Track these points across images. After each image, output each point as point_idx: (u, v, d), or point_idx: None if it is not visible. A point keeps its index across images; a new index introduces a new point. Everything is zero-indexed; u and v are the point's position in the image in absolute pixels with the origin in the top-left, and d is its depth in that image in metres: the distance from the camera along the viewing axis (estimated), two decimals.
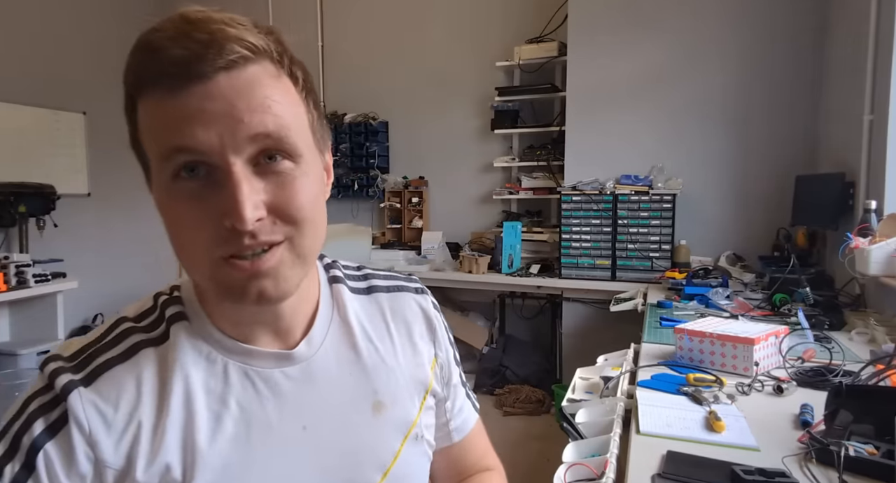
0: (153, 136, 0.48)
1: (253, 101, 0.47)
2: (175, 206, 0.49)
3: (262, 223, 0.48)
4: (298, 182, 0.50)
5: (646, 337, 1.92)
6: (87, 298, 4.17)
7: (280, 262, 0.50)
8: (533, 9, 3.94)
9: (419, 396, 0.66)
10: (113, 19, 4.57)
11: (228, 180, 0.46)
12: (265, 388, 0.56)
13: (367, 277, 0.70)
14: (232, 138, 0.46)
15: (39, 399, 0.51)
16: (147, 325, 0.57)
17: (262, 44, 0.48)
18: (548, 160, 3.78)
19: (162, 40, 0.46)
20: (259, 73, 0.48)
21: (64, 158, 4.22)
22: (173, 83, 0.46)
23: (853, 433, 1.05)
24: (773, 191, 3.19)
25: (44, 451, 0.49)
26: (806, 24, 3.10)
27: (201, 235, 0.48)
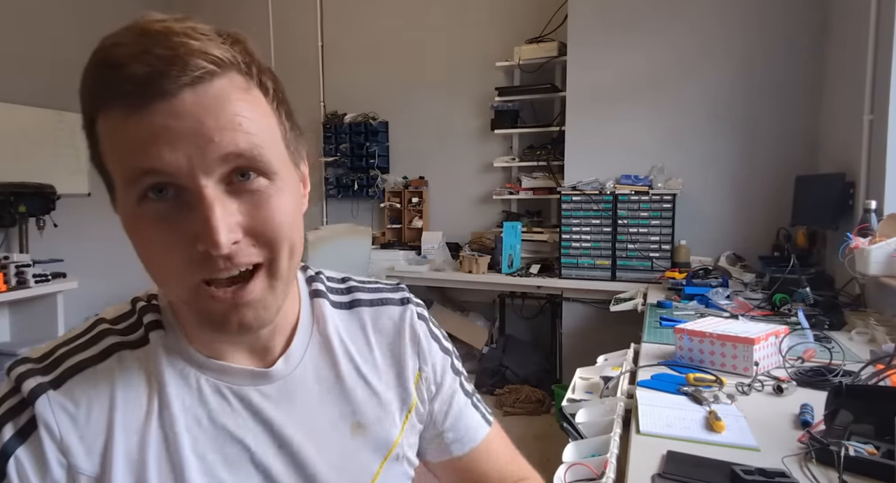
0: (116, 157, 0.45)
1: (222, 118, 0.44)
2: (144, 229, 0.46)
3: (237, 246, 0.45)
4: (274, 200, 0.47)
5: (646, 337, 1.92)
6: (87, 298, 4.16)
7: (259, 288, 0.48)
8: (533, 9, 3.94)
9: (401, 416, 0.64)
10: (114, 19, 4.54)
11: (200, 203, 0.44)
12: (240, 407, 0.55)
13: (351, 291, 0.68)
14: (201, 159, 0.43)
15: (6, 404, 0.49)
16: (124, 328, 0.55)
17: (229, 56, 0.45)
18: (548, 160, 3.78)
19: (122, 56, 0.43)
20: (226, 87, 0.45)
21: (64, 158, 4.21)
22: (135, 101, 0.43)
23: (853, 433, 1.05)
24: (773, 191, 3.19)
25: (15, 456, 0.47)
26: (806, 24, 3.10)
27: (174, 259, 0.46)
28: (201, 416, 0.53)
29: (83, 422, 0.49)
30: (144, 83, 0.42)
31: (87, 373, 0.51)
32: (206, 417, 0.53)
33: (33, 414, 0.48)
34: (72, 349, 0.53)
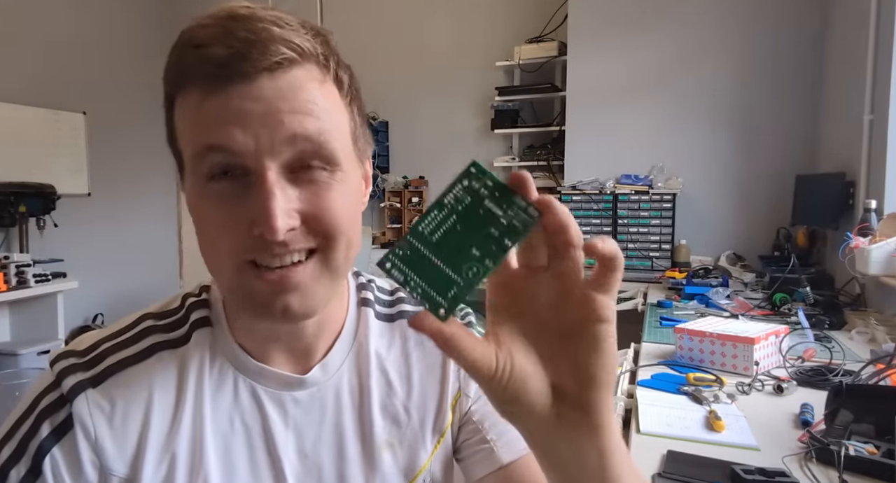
0: (189, 134, 0.46)
1: (295, 103, 0.45)
2: (205, 208, 0.47)
3: (293, 233, 0.45)
4: (334, 191, 0.47)
5: (646, 336, 1.92)
6: (87, 298, 4.17)
7: (309, 276, 0.47)
8: (533, 9, 3.94)
9: (433, 439, 0.61)
10: (114, 19, 4.57)
11: (262, 186, 0.44)
12: (272, 411, 0.54)
13: (397, 302, 0.65)
14: (269, 140, 0.44)
15: (47, 398, 0.50)
16: (168, 324, 0.55)
17: (309, 46, 0.46)
18: (548, 160, 3.78)
19: (205, 37, 0.44)
20: (303, 76, 0.46)
21: (64, 158, 4.21)
22: (213, 82, 0.44)
23: (853, 433, 1.05)
24: (773, 190, 3.19)
25: (51, 455, 0.48)
26: (806, 24, 3.10)
27: (229, 239, 0.46)
28: (234, 418, 0.53)
29: (119, 423, 0.50)
30: (224, 64, 0.43)
31: (128, 372, 0.52)
32: (238, 420, 0.53)
33: (70, 412, 0.49)
34: (115, 345, 0.53)
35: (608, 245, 0.35)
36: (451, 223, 0.35)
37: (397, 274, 0.35)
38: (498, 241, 0.35)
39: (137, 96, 4.79)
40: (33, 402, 0.51)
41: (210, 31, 0.44)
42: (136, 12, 4.79)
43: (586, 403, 0.37)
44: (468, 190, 0.36)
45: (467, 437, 0.63)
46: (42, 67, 4.05)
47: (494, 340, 0.36)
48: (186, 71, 0.45)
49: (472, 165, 0.36)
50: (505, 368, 0.36)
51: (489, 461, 0.61)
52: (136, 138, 4.75)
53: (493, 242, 0.35)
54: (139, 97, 4.81)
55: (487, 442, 0.61)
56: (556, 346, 0.37)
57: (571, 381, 0.37)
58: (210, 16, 0.45)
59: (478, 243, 0.35)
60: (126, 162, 4.66)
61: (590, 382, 0.36)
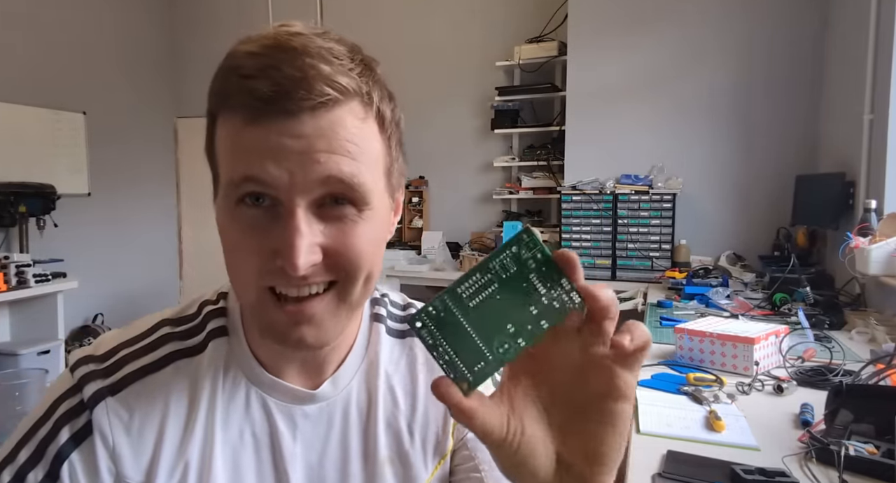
0: (227, 158, 0.47)
1: (333, 143, 0.45)
2: (234, 231, 0.47)
3: (314, 267, 0.46)
4: (360, 228, 0.47)
5: None
6: (87, 298, 4.17)
7: (325, 308, 0.48)
8: (533, 9, 3.94)
9: (433, 461, 0.61)
10: (114, 19, 4.57)
11: (289, 220, 0.44)
12: (282, 424, 0.55)
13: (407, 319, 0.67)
14: (303, 178, 0.44)
15: (66, 403, 0.51)
16: (185, 331, 0.56)
17: (354, 85, 0.46)
18: (548, 160, 3.78)
19: (251, 68, 0.44)
20: (344, 115, 0.46)
21: (64, 158, 4.22)
22: (256, 114, 0.44)
23: (853, 433, 1.05)
24: (773, 190, 3.19)
25: (69, 461, 0.49)
26: (806, 24, 3.10)
27: (252, 264, 0.46)
28: (245, 429, 0.54)
29: (136, 432, 0.51)
30: (268, 100, 0.43)
31: (145, 382, 0.53)
32: (248, 432, 0.54)
33: (90, 419, 0.50)
34: (134, 352, 0.54)
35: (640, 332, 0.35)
36: (492, 291, 0.34)
37: (427, 335, 0.34)
38: (535, 320, 0.34)
39: (137, 96, 4.79)
40: (52, 405, 0.51)
41: (258, 61, 0.44)
42: (137, 12, 4.79)
43: (590, 480, 0.37)
44: (516, 258, 0.34)
45: (461, 462, 0.63)
46: (42, 67, 4.05)
47: (508, 402, 0.36)
48: (231, 97, 0.45)
49: (525, 232, 0.34)
50: (515, 436, 0.36)
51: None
52: (136, 138, 4.75)
53: (530, 321, 0.34)
54: (139, 97, 4.81)
55: (479, 471, 0.61)
56: (571, 417, 0.37)
57: (580, 456, 0.37)
58: (259, 43, 0.45)
59: (515, 319, 0.34)
60: (126, 162, 4.66)
61: (598, 460, 0.36)
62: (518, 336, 0.34)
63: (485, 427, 0.35)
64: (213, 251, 3.13)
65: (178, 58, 5.11)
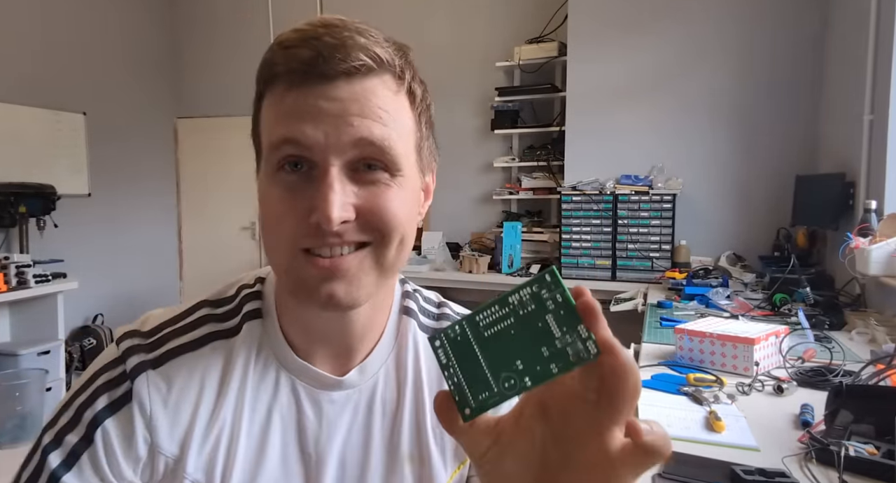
0: (268, 124, 0.50)
1: (365, 108, 0.48)
2: (272, 195, 0.49)
3: (347, 225, 0.48)
4: (392, 193, 0.50)
5: (646, 337, 1.92)
6: (87, 298, 4.17)
7: (357, 265, 0.49)
8: (533, 9, 3.94)
9: (452, 465, 0.61)
10: (114, 19, 4.57)
11: (323, 179, 0.47)
12: (308, 408, 0.56)
13: (441, 317, 0.66)
14: (337, 139, 0.47)
15: (108, 374, 0.53)
16: (223, 313, 0.58)
17: (388, 57, 0.49)
18: (548, 160, 3.78)
19: (294, 39, 0.48)
20: (378, 84, 0.49)
21: (64, 158, 4.21)
22: (295, 79, 0.47)
23: (853, 433, 1.05)
24: (773, 191, 3.19)
25: (103, 426, 0.51)
26: (806, 24, 3.10)
27: (288, 225, 0.48)
28: (273, 410, 0.56)
29: (172, 405, 0.53)
30: (307, 63, 0.47)
31: (184, 358, 0.55)
32: (277, 413, 0.56)
33: (130, 388, 0.52)
34: (175, 331, 0.56)
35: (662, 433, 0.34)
36: (508, 324, 0.34)
37: (442, 356, 0.35)
38: (545, 362, 0.33)
39: (137, 96, 4.79)
40: (94, 375, 0.54)
41: (300, 35, 0.48)
42: (137, 12, 4.79)
43: None
44: (535, 297, 0.34)
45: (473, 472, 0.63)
46: (42, 67, 4.05)
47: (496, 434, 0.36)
48: (274, 67, 0.49)
49: (549, 273, 0.34)
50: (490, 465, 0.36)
51: None
52: (136, 138, 4.75)
53: (539, 362, 0.33)
54: (139, 97, 4.81)
55: None
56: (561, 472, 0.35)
57: None
58: (306, 22, 0.50)
59: (525, 356, 0.33)
60: (126, 162, 4.66)
61: None
62: (525, 375, 0.33)
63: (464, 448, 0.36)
64: (214, 251, 3.20)
65: (179, 58, 5.11)
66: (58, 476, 0.49)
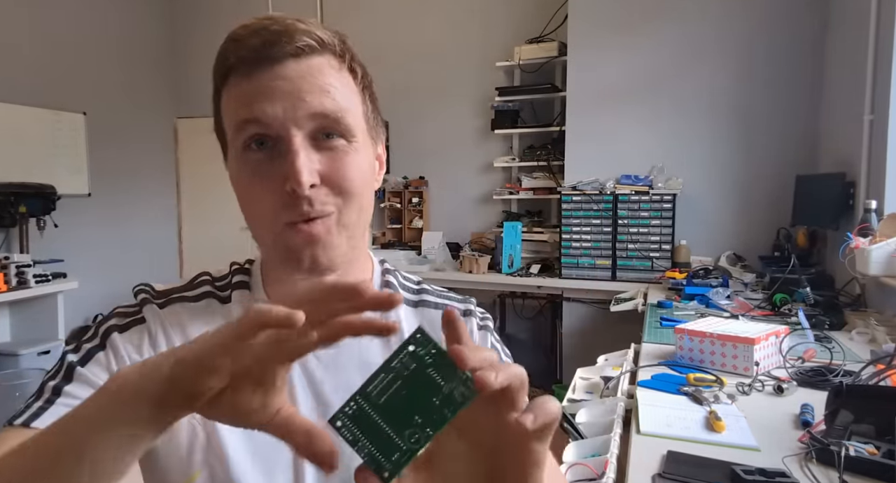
0: (230, 113, 0.55)
1: (315, 84, 0.54)
2: (244, 175, 0.56)
3: (316, 191, 0.54)
4: (350, 157, 0.56)
5: (646, 337, 1.92)
6: (87, 298, 4.17)
7: (328, 230, 0.55)
8: (533, 9, 3.94)
9: None
10: (114, 19, 4.57)
11: (289, 149, 0.53)
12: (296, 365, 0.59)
13: (421, 292, 0.71)
14: (293, 113, 0.53)
15: (124, 308, 0.63)
16: (220, 285, 0.66)
17: (328, 39, 0.55)
18: (548, 160, 3.78)
19: (243, 33, 0.54)
20: (322, 63, 0.55)
21: (64, 158, 4.22)
22: (249, 67, 0.53)
23: (853, 433, 1.05)
24: (773, 191, 3.19)
25: (114, 336, 0.59)
26: (806, 25, 3.10)
27: (268, 202, 0.54)
28: None
29: (170, 333, 0.61)
30: (257, 50, 0.53)
31: (184, 305, 0.63)
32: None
33: (141, 315, 0.61)
34: (178, 288, 0.65)
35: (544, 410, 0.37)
36: (397, 387, 0.37)
37: (347, 433, 0.37)
38: (439, 410, 0.36)
39: (137, 96, 4.79)
40: (113, 309, 0.63)
41: (248, 28, 0.54)
42: (137, 12, 4.80)
43: None
44: (414, 356, 0.37)
45: None
46: (42, 67, 4.05)
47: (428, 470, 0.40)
48: (228, 59, 0.54)
49: (418, 332, 0.37)
50: None
51: None
52: (136, 138, 4.75)
53: (433, 412, 0.36)
54: (139, 97, 4.81)
55: None
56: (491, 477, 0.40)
57: None
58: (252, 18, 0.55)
59: (420, 410, 0.36)
60: (126, 162, 4.66)
61: None
62: (426, 426, 0.36)
63: None
64: (214, 251, 3.19)
65: (179, 58, 5.11)
66: (72, 367, 0.56)
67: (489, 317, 0.73)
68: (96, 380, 0.56)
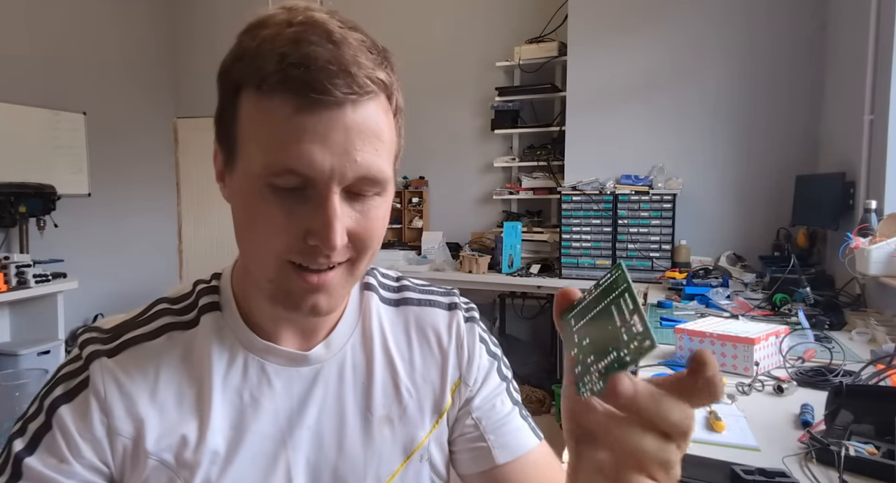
0: (265, 142, 0.47)
1: (367, 140, 0.48)
2: (261, 207, 0.49)
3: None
4: (380, 212, 0.52)
5: None
6: (87, 298, 4.17)
7: (338, 281, 0.52)
8: (533, 9, 3.94)
9: (431, 418, 0.64)
10: (113, 19, 4.57)
11: (325, 205, 0.47)
12: (279, 385, 0.58)
13: (402, 289, 0.69)
14: (342, 171, 0.47)
15: (68, 367, 0.57)
16: (181, 308, 0.61)
17: (387, 80, 0.50)
18: (548, 160, 3.78)
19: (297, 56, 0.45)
20: (377, 110, 0.49)
21: (64, 158, 4.21)
22: (302, 103, 0.46)
23: (853, 433, 1.05)
24: (773, 190, 3.19)
25: (59, 412, 0.53)
26: (806, 24, 3.10)
27: (280, 241, 0.49)
28: (244, 392, 0.57)
29: (128, 389, 0.55)
30: (317, 91, 0.45)
31: (140, 347, 0.57)
32: (248, 394, 0.57)
33: (87, 376, 0.55)
34: (132, 325, 0.59)
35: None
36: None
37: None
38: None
39: (137, 96, 4.79)
40: (57, 370, 0.57)
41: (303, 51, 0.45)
42: (137, 12, 4.79)
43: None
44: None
45: (464, 431, 0.65)
46: (42, 67, 4.05)
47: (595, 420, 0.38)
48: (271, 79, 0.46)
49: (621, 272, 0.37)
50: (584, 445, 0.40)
51: (485, 459, 0.64)
52: (136, 138, 4.75)
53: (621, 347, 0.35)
54: (139, 97, 4.81)
55: (485, 441, 0.64)
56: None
57: None
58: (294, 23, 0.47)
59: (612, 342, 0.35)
60: (126, 162, 4.66)
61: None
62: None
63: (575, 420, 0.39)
64: (214, 251, 3.19)
65: (179, 58, 5.11)
66: (20, 458, 0.52)
67: (475, 307, 0.70)
68: (49, 474, 0.51)
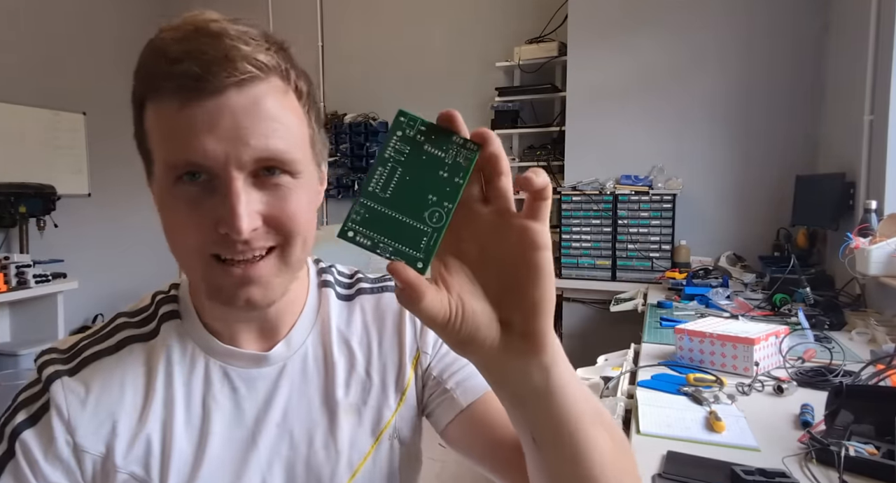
0: (162, 142, 0.50)
1: (259, 121, 0.49)
2: (174, 209, 0.51)
3: (255, 232, 0.50)
4: (294, 194, 0.52)
5: (646, 337, 1.92)
6: (87, 299, 4.17)
7: (269, 271, 0.52)
8: (533, 9, 3.94)
9: (395, 397, 0.66)
10: (113, 19, 4.57)
11: (229, 192, 0.48)
12: (243, 387, 0.60)
13: (356, 283, 0.71)
14: (237, 156, 0.48)
15: (27, 392, 0.57)
16: (140, 320, 0.61)
17: (273, 62, 0.50)
18: (548, 160, 3.78)
19: (178, 52, 0.47)
20: (267, 90, 0.50)
21: (64, 158, 4.22)
22: (186, 96, 0.47)
23: (853, 433, 1.05)
24: (773, 191, 3.19)
25: (21, 438, 0.53)
26: (806, 24, 3.10)
27: (196, 236, 0.50)
28: (207, 397, 0.59)
29: (92, 405, 0.55)
30: (197, 79, 0.47)
31: (101, 362, 0.58)
32: (211, 399, 0.59)
33: (48, 399, 0.55)
34: (92, 341, 0.59)
35: (540, 178, 0.38)
36: (399, 175, 0.36)
37: (363, 239, 0.36)
38: (449, 181, 0.36)
39: None
40: (15, 397, 0.57)
41: (184, 47, 0.47)
42: (136, 13, 4.79)
43: (531, 331, 0.39)
44: (404, 139, 0.36)
45: (431, 391, 0.68)
46: (42, 67, 4.05)
47: (444, 286, 0.38)
48: (161, 81, 0.48)
49: (400, 114, 0.36)
50: (457, 314, 0.38)
51: (451, 408, 0.66)
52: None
53: (444, 184, 0.36)
54: None
55: (447, 391, 0.66)
56: (500, 280, 0.39)
57: (517, 313, 0.39)
58: (183, 27, 0.48)
59: (431, 188, 0.36)
60: (126, 162, 4.63)
61: (533, 311, 0.39)
62: (443, 200, 0.36)
63: (429, 311, 0.37)
64: None
65: None
66: None
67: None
68: None
